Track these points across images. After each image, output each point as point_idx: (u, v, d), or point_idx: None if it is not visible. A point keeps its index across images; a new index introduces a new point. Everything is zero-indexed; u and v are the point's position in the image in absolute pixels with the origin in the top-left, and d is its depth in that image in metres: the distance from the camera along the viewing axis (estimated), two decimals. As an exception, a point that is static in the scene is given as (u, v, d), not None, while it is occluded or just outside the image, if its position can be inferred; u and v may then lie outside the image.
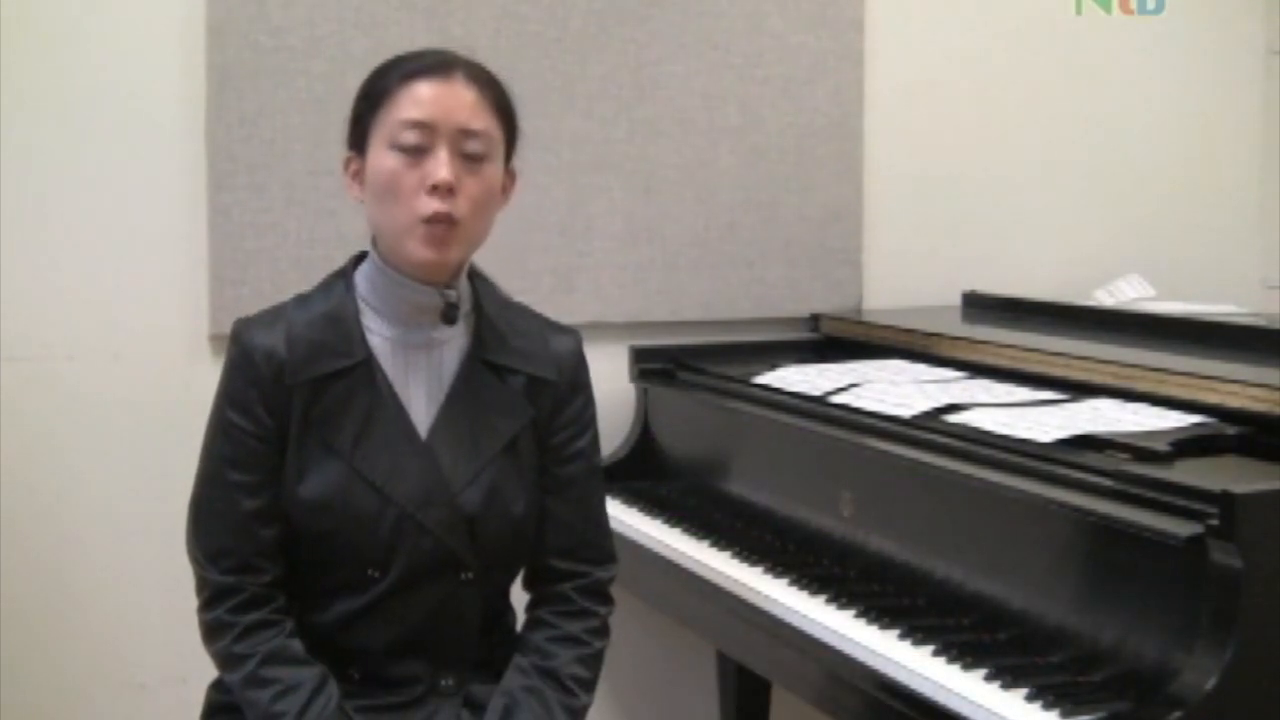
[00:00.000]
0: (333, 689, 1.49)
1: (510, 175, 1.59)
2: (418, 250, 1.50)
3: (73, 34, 2.28)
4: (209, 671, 1.57)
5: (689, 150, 2.68)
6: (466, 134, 1.50)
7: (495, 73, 1.57)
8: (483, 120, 1.52)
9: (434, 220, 1.48)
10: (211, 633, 1.51)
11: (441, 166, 1.48)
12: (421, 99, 1.49)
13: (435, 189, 1.48)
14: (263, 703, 1.46)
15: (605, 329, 2.56)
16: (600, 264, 2.62)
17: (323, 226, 2.39)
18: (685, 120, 2.67)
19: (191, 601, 1.54)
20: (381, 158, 1.50)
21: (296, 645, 1.51)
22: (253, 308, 1.62)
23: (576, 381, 1.63)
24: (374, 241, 1.57)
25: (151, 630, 2.35)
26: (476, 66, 1.55)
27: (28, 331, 2.28)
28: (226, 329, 1.57)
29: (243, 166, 2.35)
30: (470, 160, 1.51)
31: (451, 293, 1.55)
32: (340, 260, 1.62)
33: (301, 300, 1.57)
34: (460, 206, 1.49)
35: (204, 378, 1.93)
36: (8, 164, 2.25)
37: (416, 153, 1.48)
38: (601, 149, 2.61)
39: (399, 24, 2.43)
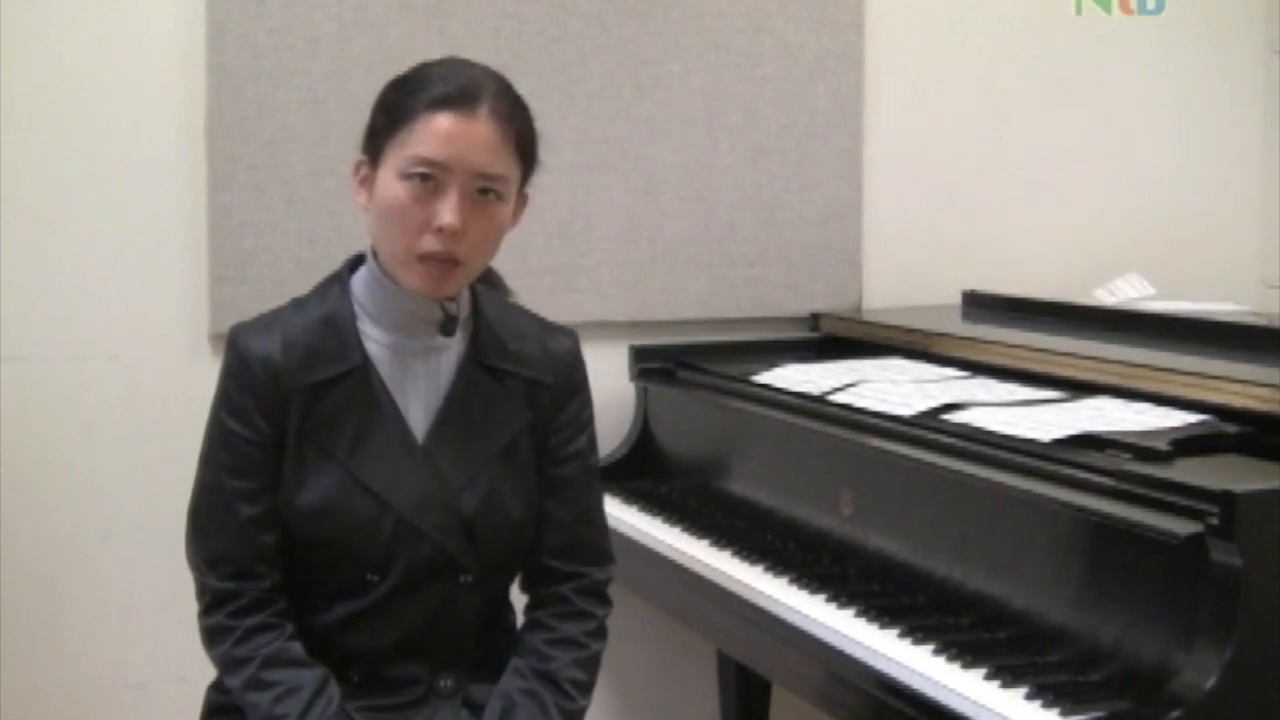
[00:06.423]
0: (333, 691, 1.49)
1: (522, 200, 1.56)
2: (414, 283, 1.49)
3: (72, 34, 2.27)
4: (208, 671, 1.57)
5: (689, 150, 2.68)
6: (481, 177, 1.46)
7: (521, 99, 1.52)
8: (501, 164, 1.48)
9: (434, 259, 1.46)
10: (212, 637, 1.51)
11: (449, 210, 1.44)
12: (440, 135, 1.44)
13: (440, 231, 1.45)
14: (264, 705, 1.46)
15: (605, 329, 2.56)
16: (600, 264, 2.62)
17: (323, 226, 2.39)
18: (685, 120, 2.67)
19: (190, 601, 1.54)
20: (391, 183, 1.46)
21: (297, 648, 1.51)
22: (253, 308, 1.62)
23: (573, 382, 1.63)
24: (374, 249, 1.56)
25: (151, 630, 2.35)
26: (503, 99, 1.49)
27: (28, 331, 2.28)
28: (226, 329, 1.57)
29: (243, 166, 2.35)
30: (481, 201, 1.47)
31: (452, 305, 1.54)
32: (340, 260, 1.62)
33: (298, 305, 1.56)
34: (463, 248, 1.46)
35: (204, 378, 1.91)
36: (8, 164, 2.25)
37: (427, 187, 1.45)
38: (601, 149, 2.61)
39: (399, 24, 2.42)
